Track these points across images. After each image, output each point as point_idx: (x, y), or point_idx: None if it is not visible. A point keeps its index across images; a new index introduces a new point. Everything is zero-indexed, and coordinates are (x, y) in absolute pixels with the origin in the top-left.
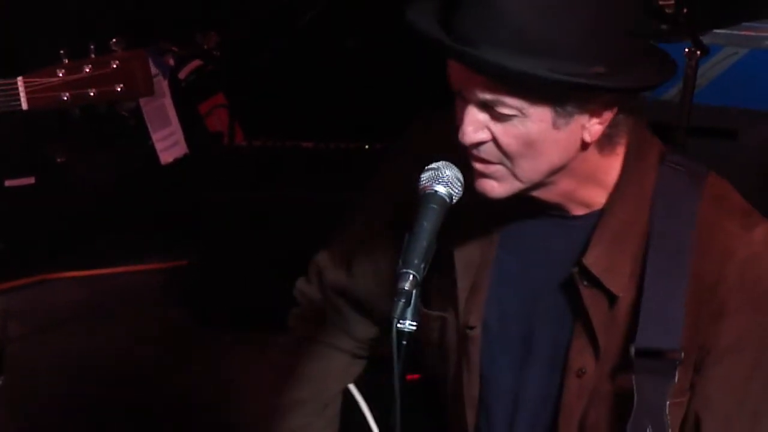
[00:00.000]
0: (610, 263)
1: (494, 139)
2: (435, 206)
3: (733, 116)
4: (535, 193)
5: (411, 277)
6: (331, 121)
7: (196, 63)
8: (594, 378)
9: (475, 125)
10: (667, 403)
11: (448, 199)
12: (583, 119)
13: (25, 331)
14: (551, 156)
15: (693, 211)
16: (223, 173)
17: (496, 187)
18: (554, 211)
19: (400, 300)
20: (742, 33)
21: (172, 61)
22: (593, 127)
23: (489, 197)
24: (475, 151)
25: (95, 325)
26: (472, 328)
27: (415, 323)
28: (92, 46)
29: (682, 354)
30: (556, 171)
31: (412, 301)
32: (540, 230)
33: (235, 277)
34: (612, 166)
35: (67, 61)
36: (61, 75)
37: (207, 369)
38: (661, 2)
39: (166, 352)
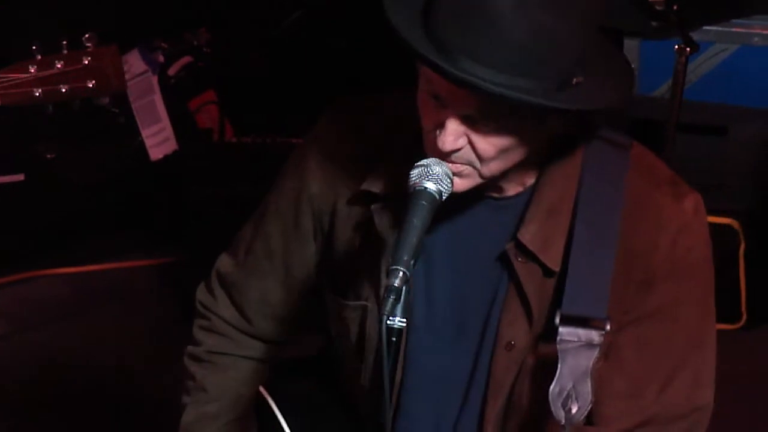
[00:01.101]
0: (544, 238)
1: (471, 145)
2: (425, 203)
3: (723, 112)
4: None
5: (401, 273)
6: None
7: (186, 59)
8: (523, 350)
9: (455, 135)
10: (591, 370)
11: (437, 196)
12: (552, 122)
13: (11, 328)
14: (519, 155)
15: (621, 182)
16: (212, 170)
17: (459, 183)
18: (486, 193)
19: (389, 296)
20: (732, 29)
21: (161, 58)
22: (556, 122)
23: (452, 191)
24: (446, 157)
25: (82, 322)
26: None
27: (404, 320)
28: (64, 42)
29: (608, 323)
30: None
31: (402, 298)
32: (471, 212)
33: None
34: (544, 147)
35: (39, 57)
36: (32, 71)
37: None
38: None
39: (154, 350)
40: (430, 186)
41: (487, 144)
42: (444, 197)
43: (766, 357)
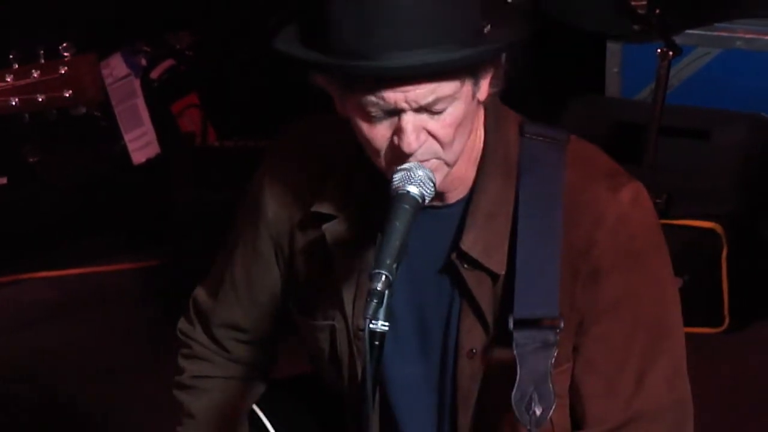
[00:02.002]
0: (486, 244)
1: (432, 136)
2: (407, 206)
3: (705, 116)
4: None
5: (383, 277)
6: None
7: (168, 63)
8: (484, 357)
9: (417, 131)
10: (551, 370)
11: (420, 200)
12: (483, 83)
13: None
14: (470, 128)
15: (559, 179)
16: (195, 173)
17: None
18: (428, 203)
19: (372, 300)
20: (715, 33)
21: (144, 61)
22: (484, 85)
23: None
24: (412, 157)
25: (66, 325)
26: (363, 330)
27: (387, 324)
28: (41, 51)
29: (562, 321)
30: (466, 143)
31: (385, 302)
32: (416, 225)
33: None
34: (478, 140)
35: (15, 66)
36: (9, 80)
37: (178, 369)
38: (633, 3)
39: (138, 353)
40: (413, 190)
41: (445, 126)
42: (427, 201)
43: (749, 360)
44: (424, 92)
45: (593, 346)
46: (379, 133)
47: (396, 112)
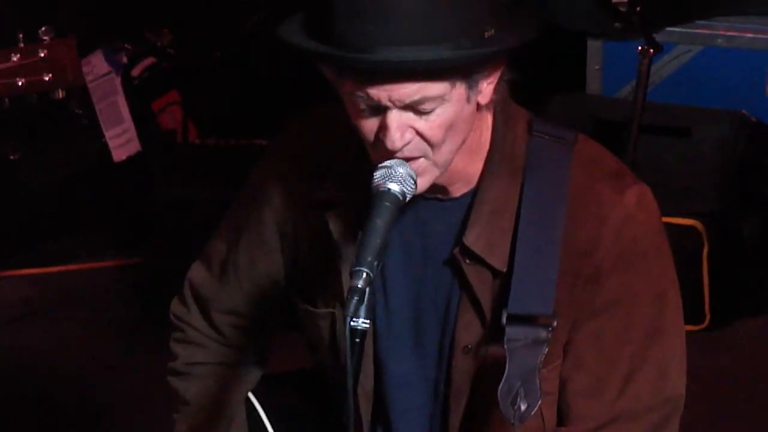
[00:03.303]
0: (489, 239)
1: (419, 135)
2: (388, 204)
3: (686, 114)
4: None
5: (364, 274)
6: (285, 119)
7: (149, 60)
8: (479, 353)
9: (401, 130)
10: (540, 368)
11: (401, 197)
12: (482, 85)
13: None
14: (464, 131)
15: (564, 178)
16: (176, 171)
17: (420, 181)
18: (431, 195)
19: (353, 298)
20: (696, 31)
21: (125, 59)
22: (486, 88)
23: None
24: (398, 153)
25: (47, 323)
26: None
27: (368, 321)
28: (21, 35)
29: (555, 320)
30: (461, 146)
31: (366, 299)
32: (418, 216)
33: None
34: (485, 137)
35: None
36: None
37: (160, 367)
38: (614, 1)
39: (119, 351)
40: (394, 187)
41: (433, 127)
42: (407, 198)
43: (730, 357)
44: (408, 91)
45: (585, 343)
46: (367, 127)
47: (381, 108)
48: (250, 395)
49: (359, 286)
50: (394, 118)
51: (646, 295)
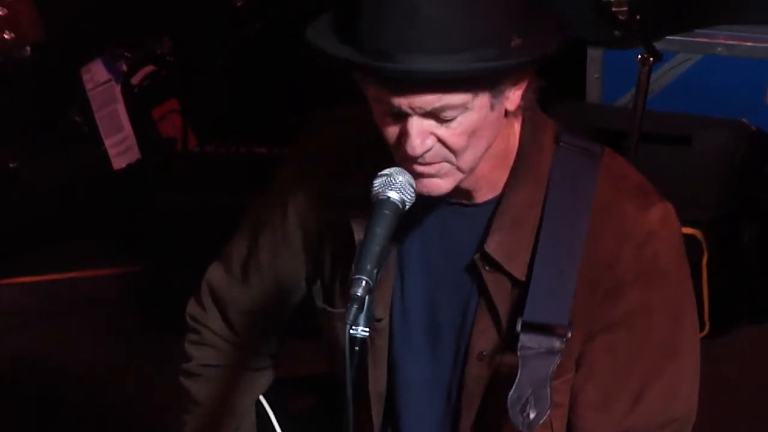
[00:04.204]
0: (510, 248)
1: (440, 141)
2: (387, 212)
3: (686, 122)
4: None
5: (364, 282)
6: (284, 127)
7: (149, 68)
8: (493, 360)
9: (422, 136)
10: (551, 378)
11: (400, 205)
12: (508, 92)
13: None
14: (487, 138)
15: (589, 191)
16: (176, 178)
17: (441, 184)
18: (455, 200)
19: (353, 306)
20: (696, 39)
21: (125, 67)
22: (513, 94)
23: (434, 195)
24: (420, 159)
25: (46, 331)
26: (379, 320)
27: (367, 330)
28: None
29: (570, 331)
30: (486, 151)
31: (365, 307)
32: (440, 220)
33: (188, 283)
34: (512, 147)
35: None
36: None
37: (161, 375)
38: (614, 9)
39: (119, 357)
40: (393, 195)
41: (456, 135)
42: (407, 206)
43: (730, 365)
44: (429, 100)
45: (598, 355)
46: (390, 130)
47: (403, 114)
48: (261, 398)
49: (359, 294)
50: (415, 125)
51: (664, 313)
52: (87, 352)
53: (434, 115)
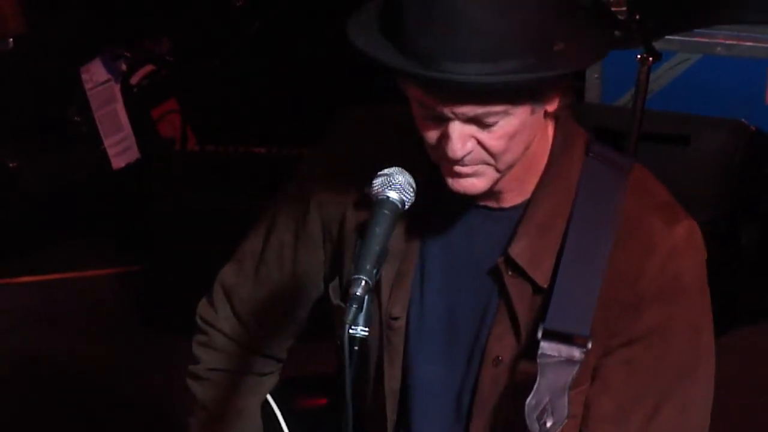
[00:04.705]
0: (534, 254)
1: (480, 145)
2: (387, 212)
3: (685, 122)
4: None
5: (363, 282)
6: (283, 127)
7: (148, 68)
8: (509, 366)
9: (463, 140)
10: (569, 388)
11: (400, 205)
12: (549, 95)
13: None
14: (527, 140)
15: (616, 203)
16: (175, 178)
17: (477, 183)
18: (482, 203)
19: (352, 305)
20: (695, 39)
21: (124, 67)
22: (553, 97)
23: (469, 194)
24: (459, 162)
25: (46, 330)
26: (396, 318)
27: (367, 329)
28: None
29: (590, 341)
30: (524, 153)
31: (365, 307)
32: (466, 222)
33: (187, 283)
34: (543, 151)
35: None
36: None
37: (160, 375)
38: (613, 9)
39: (119, 359)
40: (393, 195)
41: (496, 138)
42: (407, 206)
43: (729, 365)
44: (472, 107)
45: (615, 370)
46: (430, 131)
47: (444, 118)
48: (269, 397)
49: (358, 294)
50: (457, 129)
51: (683, 331)
52: (86, 353)
53: (476, 120)
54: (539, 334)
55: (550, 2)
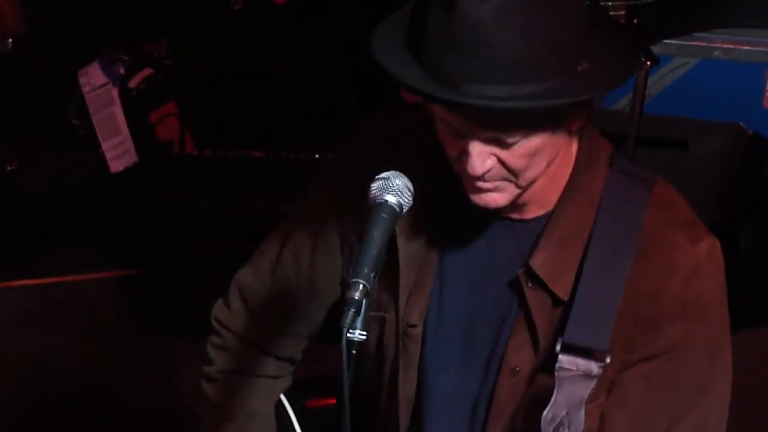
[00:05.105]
0: (555, 267)
1: (501, 162)
2: (385, 215)
3: (683, 126)
4: None
5: (361, 286)
6: (281, 131)
7: (146, 72)
8: (526, 377)
9: (483, 157)
10: (586, 402)
11: (398, 209)
12: (571, 114)
13: None
14: (548, 157)
15: (638, 218)
16: (173, 182)
17: (498, 198)
18: (504, 214)
19: (350, 309)
20: (693, 43)
21: (122, 70)
22: (576, 115)
23: (490, 208)
24: (480, 178)
25: (44, 333)
26: (413, 326)
27: (364, 333)
28: None
29: (608, 356)
30: (546, 169)
31: (362, 311)
32: (487, 232)
33: (185, 287)
34: (567, 164)
35: None
36: None
37: (157, 378)
38: (611, 13)
39: (117, 362)
40: (390, 199)
41: (516, 157)
42: (404, 210)
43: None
44: (485, 127)
45: (633, 384)
46: (451, 145)
47: (464, 135)
48: (282, 397)
49: (356, 297)
50: (477, 147)
51: (702, 348)
52: (85, 355)
53: (496, 139)
54: (558, 347)
55: (573, 21)
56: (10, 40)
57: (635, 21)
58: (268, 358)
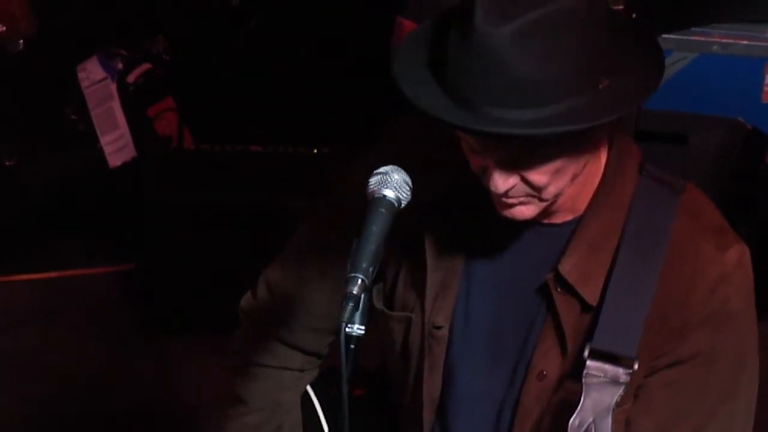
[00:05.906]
0: (584, 272)
1: (523, 180)
2: (383, 210)
3: (682, 121)
4: None
5: (359, 281)
6: (279, 126)
7: (144, 67)
8: (553, 382)
9: (504, 177)
10: (614, 408)
11: (396, 204)
12: (594, 133)
13: None
14: (573, 172)
15: (667, 224)
16: (171, 177)
17: (525, 210)
18: (533, 218)
19: (348, 304)
20: (691, 38)
21: (120, 65)
22: (600, 129)
23: (518, 220)
24: (503, 196)
25: (43, 328)
26: (439, 327)
27: (363, 327)
28: None
29: (636, 363)
30: (571, 184)
31: (361, 305)
32: (516, 236)
33: (183, 282)
34: (597, 170)
35: None
36: None
37: (155, 373)
38: (612, 7)
39: (114, 357)
40: (389, 194)
41: (539, 174)
42: (403, 205)
43: None
44: (505, 150)
45: (659, 389)
46: (474, 161)
47: (485, 155)
48: (308, 387)
49: (354, 292)
50: (498, 166)
51: (729, 355)
52: (81, 351)
53: (517, 160)
54: (585, 353)
55: (594, 37)
56: (21, 41)
57: (634, 16)
58: (294, 352)
